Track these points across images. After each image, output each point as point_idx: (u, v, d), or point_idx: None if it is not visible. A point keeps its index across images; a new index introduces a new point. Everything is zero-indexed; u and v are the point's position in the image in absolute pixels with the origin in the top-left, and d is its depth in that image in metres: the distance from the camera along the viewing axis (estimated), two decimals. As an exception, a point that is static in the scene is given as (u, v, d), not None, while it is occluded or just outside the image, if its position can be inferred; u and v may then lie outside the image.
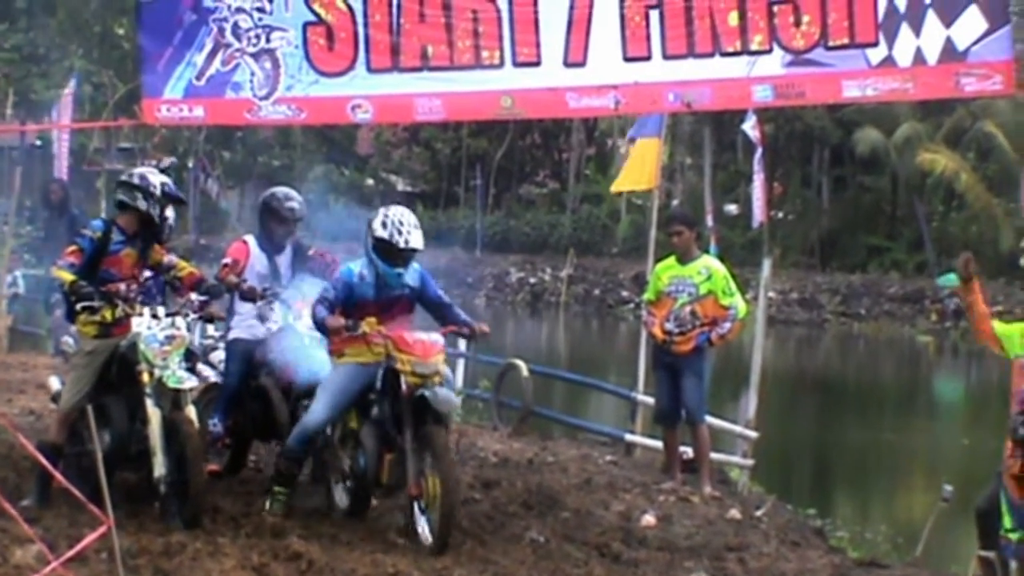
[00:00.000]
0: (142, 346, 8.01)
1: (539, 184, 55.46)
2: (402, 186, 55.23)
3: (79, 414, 7.98)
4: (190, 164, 46.10)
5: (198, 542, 7.54)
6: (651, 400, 12.22)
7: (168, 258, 8.62)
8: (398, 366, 8.06)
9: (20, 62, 40.74)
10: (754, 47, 8.68)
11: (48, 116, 22.67)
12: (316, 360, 8.94)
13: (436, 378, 8.05)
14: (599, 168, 52.49)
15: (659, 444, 11.98)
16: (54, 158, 21.13)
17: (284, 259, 9.57)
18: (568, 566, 8.09)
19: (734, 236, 41.96)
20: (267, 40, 9.60)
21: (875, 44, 8.42)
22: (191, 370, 8.60)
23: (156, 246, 8.53)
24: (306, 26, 9.52)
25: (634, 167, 14.86)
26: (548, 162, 55.71)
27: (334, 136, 50.41)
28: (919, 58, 8.33)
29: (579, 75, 9.07)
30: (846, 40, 8.48)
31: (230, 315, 9.44)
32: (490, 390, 14.93)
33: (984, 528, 8.16)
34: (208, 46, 9.72)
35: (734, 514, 10.22)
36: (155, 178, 8.44)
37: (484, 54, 9.22)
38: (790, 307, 42.30)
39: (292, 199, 9.56)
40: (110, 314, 8.20)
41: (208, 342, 10.52)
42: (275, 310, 9.37)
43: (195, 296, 8.64)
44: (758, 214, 25.74)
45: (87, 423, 7.07)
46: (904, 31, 8.33)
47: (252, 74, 9.65)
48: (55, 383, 9.13)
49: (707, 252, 12.44)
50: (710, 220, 31.19)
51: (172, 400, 8.06)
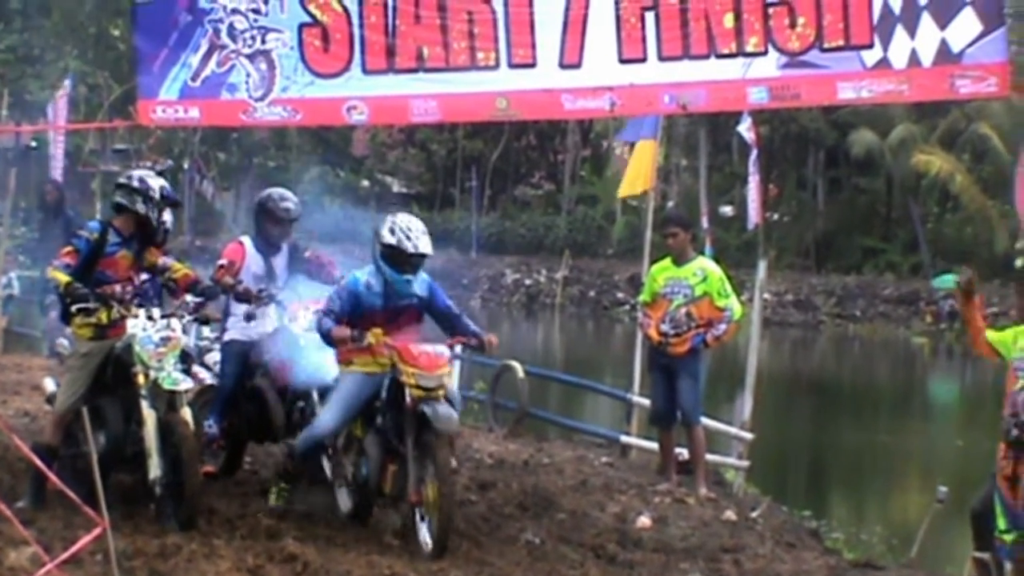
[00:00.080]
0: (137, 348, 8.01)
1: (534, 186, 55.41)
2: (397, 188, 55.22)
3: (74, 416, 7.98)
4: (185, 166, 46.05)
5: (193, 544, 7.54)
6: (647, 402, 12.22)
7: (163, 260, 8.60)
8: (402, 378, 7.98)
9: (15, 63, 40.65)
10: (749, 49, 8.68)
11: (44, 117, 22.63)
12: (311, 362, 8.94)
13: (440, 391, 7.98)
14: (594, 170, 52.51)
15: (655, 446, 11.98)
16: (49, 159, 21.10)
17: (280, 260, 9.55)
18: (564, 568, 8.09)
19: (729, 238, 41.98)
20: (262, 41, 9.59)
21: (870, 46, 8.42)
22: (186, 372, 8.60)
23: (151, 248, 8.52)
24: (301, 27, 9.51)
25: (636, 170, 14.86)
26: (543, 164, 55.68)
27: (329, 138, 50.36)
28: (914, 60, 8.34)
29: (575, 77, 9.07)
30: (841, 42, 8.48)
31: (225, 316, 9.43)
32: (486, 391, 14.92)
33: (979, 529, 8.18)
34: (204, 47, 9.73)
35: (730, 515, 10.22)
36: (154, 181, 8.43)
37: (480, 55, 9.21)
38: (785, 309, 42.30)
39: (287, 200, 9.54)
40: (105, 316, 8.19)
41: (203, 343, 10.51)
42: (269, 311, 9.35)
43: (190, 298, 8.63)
44: (753, 216, 25.76)
45: (82, 425, 7.07)
46: (899, 33, 8.33)
47: (248, 75, 9.65)
48: (50, 385, 9.13)
49: (702, 254, 12.44)
50: (705, 222, 31.23)
51: (167, 402, 8.05)
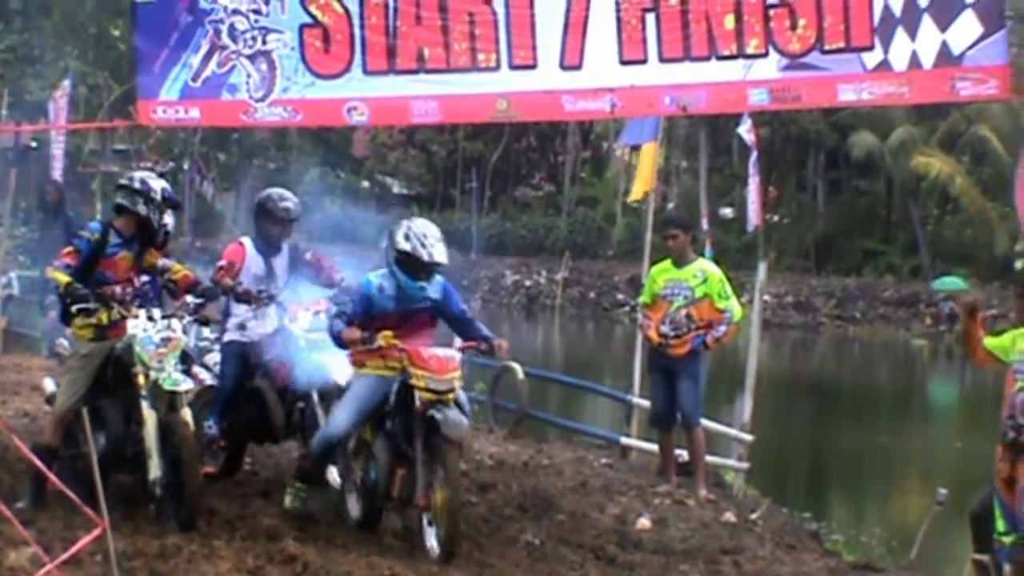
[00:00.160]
0: (138, 348, 8.00)
1: (535, 187, 55.40)
2: (398, 189, 55.20)
3: (74, 416, 7.98)
4: (185, 166, 46.01)
5: (193, 544, 7.53)
6: (646, 403, 12.22)
7: (163, 261, 8.60)
8: (413, 381, 7.90)
9: (15, 63, 40.60)
10: (750, 51, 8.68)
11: (44, 117, 22.60)
12: (311, 363, 8.93)
13: (450, 395, 7.90)
14: (595, 171, 52.51)
15: (654, 447, 11.98)
16: (49, 159, 21.06)
17: (280, 261, 9.52)
18: (563, 569, 8.10)
19: (729, 239, 41.96)
20: (263, 42, 9.59)
21: (871, 48, 8.42)
22: (186, 372, 8.59)
23: (151, 249, 8.51)
24: (302, 28, 9.52)
25: (643, 173, 14.88)
26: (544, 165, 55.68)
27: (330, 139, 50.36)
28: (915, 62, 8.33)
29: (575, 78, 9.06)
30: (842, 44, 8.48)
31: (225, 317, 9.42)
32: (486, 393, 14.91)
33: (978, 531, 8.18)
34: (204, 48, 9.73)
35: (729, 517, 10.23)
36: (156, 183, 8.42)
37: (480, 57, 9.21)
38: (785, 310, 42.34)
39: (287, 200, 9.51)
40: (106, 316, 8.19)
41: (203, 344, 10.50)
42: (269, 312, 9.34)
43: (190, 299, 8.62)
44: (753, 218, 25.69)
45: (82, 425, 7.06)
46: (900, 35, 8.33)
47: (248, 76, 9.65)
48: (50, 385, 9.12)
49: (702, 255, 12.44)
50: (705, 223, 31.20)
51: (168, 402, 8.05)
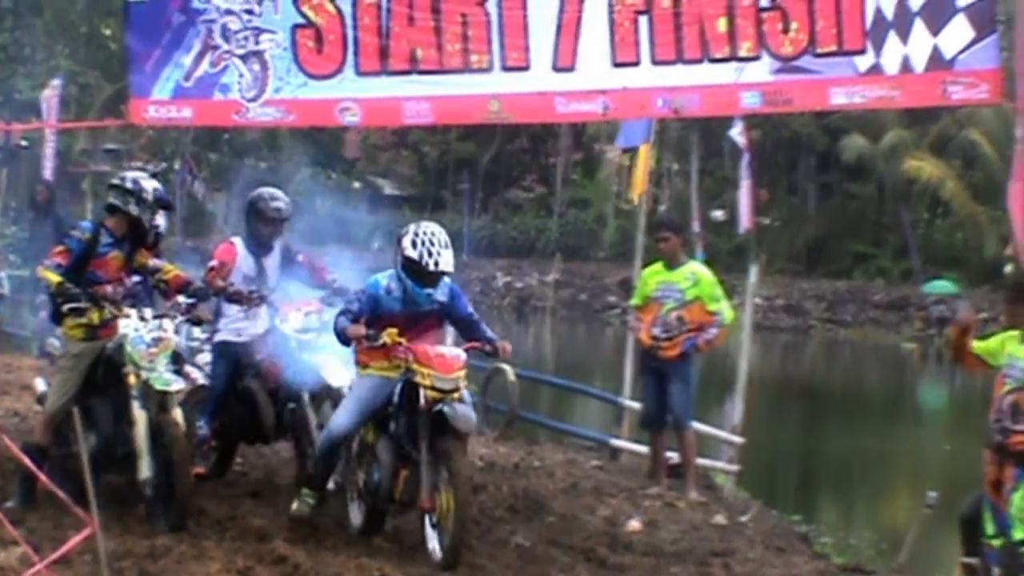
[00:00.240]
0: (129, 348, 7.98)
1: (526, 188, 55.47)
2: (389, 190, 55.19)
3: (64, 416, 7.96)
4: (177, 166, 45.98)
5: (183, 545, 7.52)
6: (637, 405, 12.23)
7: (153, 262, 8.59)
8: (417, 379, 7.81)
9: (6, 62, 40.54)
10: (742, 53, 8.67)
11: (36, 117, 22.59)
12: (303, 363, 8.92)
13: (456, 394, 7.83)
14: (586, 173, 52.57)
15: (645, 449, 11.99)
16: (40, 159, 21.05)
17: (272, 261, 9.47)
18: (554, 571, 8.09)
19: (720, 242, 42.05)
20: (256, 42, 9.58)
21: (863, 52, 8.42)
22: (178, 372, 8.57)
23: (142, 249, 8.50)
24: (295, 28, 9.51)
25: (639, 175, 14.87)
26: (535, 167, 55.76)
27: (321, 139, 50.35)
28: (906, 66, 8.33)
29: (568, 80, 9.05)
30: (834, 47, 8.48)
31: (217, 318, 9.41)
32: (477, 394, 14.89)
33: (968, 535, 8.17)
34: (196, 47, 9.72)
35: (719, 519, 10.24)
36: (148, 183, 8.41)
37: (473, 58, 9.20)
38: (776, 313, 42.43)
39: (278, 199, 9.45)
40: (97, 316, 8.18)
41: (194, 344, 10.48)
42: (260, 312, 9.33)
43: (182, 299, 8.61)
44: (744, 220, 25.73)
45: (73, 425, 7.05)
46: (891, 39, 8.33)
47: (240, 76, 9.65)
48: (40, 384, 9.10)
49: (694, 258, 12.46)
50: (697, 226, 31.24)
51: (158, 402, 8.03)
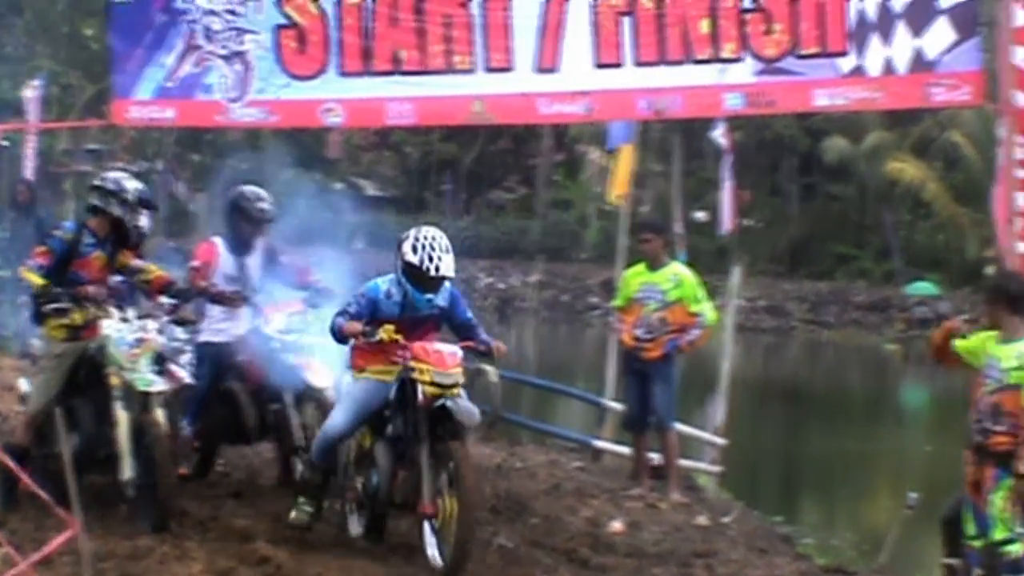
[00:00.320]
0: (111, 348, 7.97)
1: (509, 189, 55.45)
2: (371, 191, 55.10)
3: (46, 417, 7.94)
4: (159, 167, 45.84)
5: (165, 546, 7.52)
6: (619, 406, 12.23)
7: (136, 262, 8.57)
8: (415, 375, 7.73)
9: (-14, 62, 40.46)
10: (725, 55, 8.69)
11: (16, 116, 22.50)
12: (285, 364, 8.91)
13: (455, 389, 7.76)
14: (568, 174, 52.56)
15: (627, 450, 11.99)
16: (21, 159, 20.96)
17: (253, 261, 9.43)
18: (537, 572, 8.09)
19: (703, 243, 42.02)
20: (238, 42, 9.56)
21: (845, 53, 8.44)
22: (162, 372, 8.54)
23: (124, 250, 8.48)
24: (277, 29, 9.48)
25: (621, 175, 14.82)
26: (518, 168, 55.71)
27: (303, 140, 50.22)
28: (889, 68, 8.36)
29: (550, 81, 9.05)
30: (817, 49, 8.50)
31: (200, 318, 9.37)
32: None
33: (949, 536, 8.19)
34: (179, 48, 9.69)
35: (702, 520, 10.25)
36: (130, 184, 8.40)
37: (456, 59, 9.19)
38: (758, 314, 42.45)
39: (262, 200, 9.39)
40: (79, 317, 8.15)
41: (175, 344, 10.44)
42: (242, 313, 9.30)
43: (165, 299, 8.59)
44: (726, 222, 25.72)
45: (55, 426, 7.04)
46: (874, 41, 8.36)
47: (223, 76, 9.62)
48: (23, 385, 9.05)
49: (676, 259, 12.47)
50: (678, 227, 31.24)
51: (141, 403, 8.01)
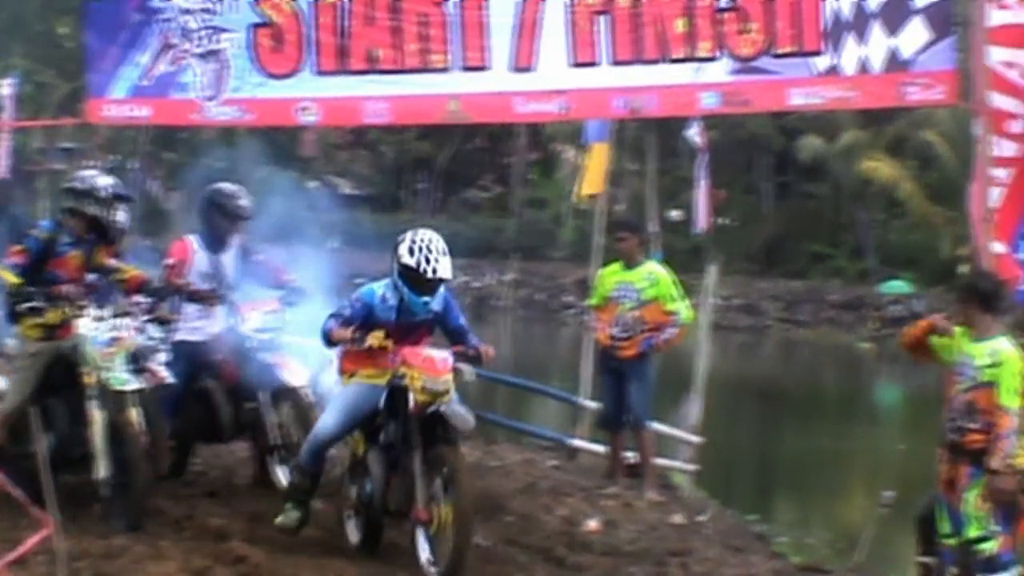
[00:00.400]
0: (86, 348, 7.93)
1: (484, 188, 55.47)
2: (348, 189, 55.02)
3: (21, 416, 7.91)
4: (134, 165, 45.69)
5: (140, 545, 7.49)
6: (595, 404, 12.25)
7: (111, 261, 8.54)
8: (406, 382, 7.64)
9: (-40, 60, 40.27)
10: (701, 54, 8.73)
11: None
12: (262, 363, 8.90)
13: (446, 396, 7.67)
14: (544, 173, 52.61)
15: (603, 449, 12.01)
16: (-6, 157, 20.83)
17: (228, 258, 9.38)
18: (512, 570, 8.09)
19: (678, 242, 42.11)
20: (214, 41, 9.55)
21: (820, 53, 8.49)
22: (140, 371, 8.50)
23: (101, 248, 8.45)
24: (253, 27, 9.49)
25: (593, 171, 14.74)
26: (493, 166, 55.73)
27: (278, 138, 50.09)
28: (864, 67, 8.41)
29: (526, 80, 9.07)
30: (792, 48, 8.54)
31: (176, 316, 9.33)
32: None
33: (924, 534, 8.21)
34: (154, 46, 9.69)
35: (677, 519, 10.27)
36: (101, 180, 8.36)
37: (432, 57, 9.21)
38: (733, 313, 42.50)
39: (240, 197, 9.33)
40: (54, 316, 8.12)
41: (150, 343, 10.39)
42: (217, 312, 9.27)
43: (142, 298, 8.56)
44: (700, 221, 25.74)
45: (29, 425, 7.01)
46: (849, 40, 8.40)
47: (198, 75, 9.61)
48: (1, 384, 9.01)
49: (651, 258, 12.50)
50: (653, 226, 31.29)
51: (116, 402, 7.98)
